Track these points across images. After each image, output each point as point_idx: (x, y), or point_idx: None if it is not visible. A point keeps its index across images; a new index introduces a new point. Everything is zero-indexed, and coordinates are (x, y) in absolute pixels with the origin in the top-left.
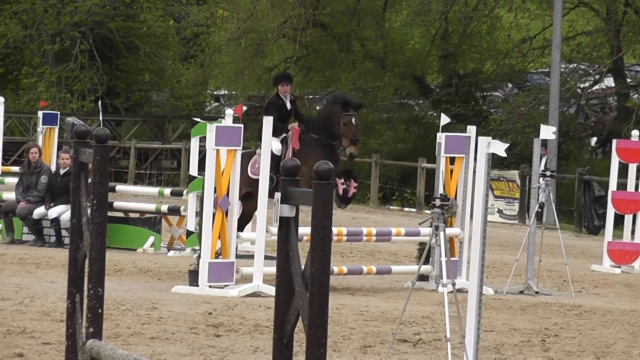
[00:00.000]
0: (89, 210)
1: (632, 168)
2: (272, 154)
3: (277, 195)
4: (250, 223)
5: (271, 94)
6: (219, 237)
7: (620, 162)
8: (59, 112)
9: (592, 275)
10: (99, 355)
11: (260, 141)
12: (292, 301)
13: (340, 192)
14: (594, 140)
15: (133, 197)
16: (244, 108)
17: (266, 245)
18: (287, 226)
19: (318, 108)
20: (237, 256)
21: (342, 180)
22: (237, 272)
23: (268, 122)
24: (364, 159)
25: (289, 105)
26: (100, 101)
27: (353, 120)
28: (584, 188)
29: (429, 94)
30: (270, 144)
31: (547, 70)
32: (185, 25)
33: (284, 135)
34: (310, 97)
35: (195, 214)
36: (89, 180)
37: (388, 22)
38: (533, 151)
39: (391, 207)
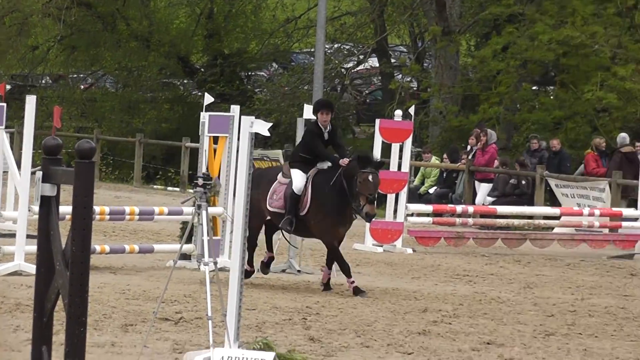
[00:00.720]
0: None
1: (395, 148)
2: (293, 193)
3: (39, 173)
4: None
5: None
6: None
7: (383, 142)
8: None
9: (355, 254)
10: None
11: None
12: (53, 280)
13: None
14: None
15: None
16: (7, 87)
17: (28, 224)
18: (48, 205)
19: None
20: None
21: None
22: None
23: (30, 101)
24: (127, 137)
25: (326, 136)
26: None
27: (370, 177)
28: None
29: (194, 74)
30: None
31: (311, 50)
32: None
33: (309, 170)
34: (74, 76)
35: None
36: None
37: (153, 2)
38: (297, 131)
39: (155, 186)
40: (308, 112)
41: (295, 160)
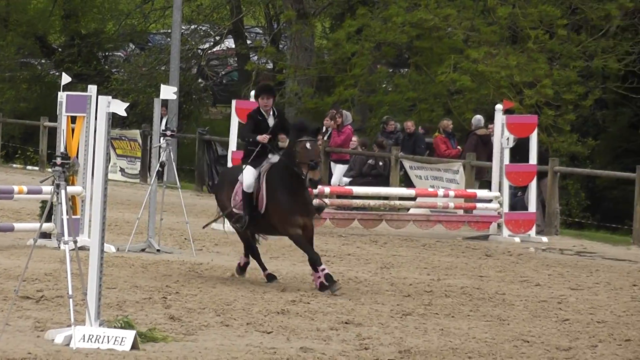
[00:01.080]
0: None
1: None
2: (244, 192)
3: None
4: None
5: None
6: None
7: (239, 122)
8: None
9: (213, 233)
10: None
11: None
12: None
13: None
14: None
15: None
16: None
17: None
18: None
19: None
20: None
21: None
22: None
23: None
24: None
25: (271, 121)
26: None
27: (308, 145)
28: (204, 147)
29: (52, 54)
30: None
31: (168, 31)
32: None
33: (262, 165)
34: None
35: None
36: None
37: None
38: (154, 111)
39: (14, 166)
40: (165, 92)
41: (245, 156)
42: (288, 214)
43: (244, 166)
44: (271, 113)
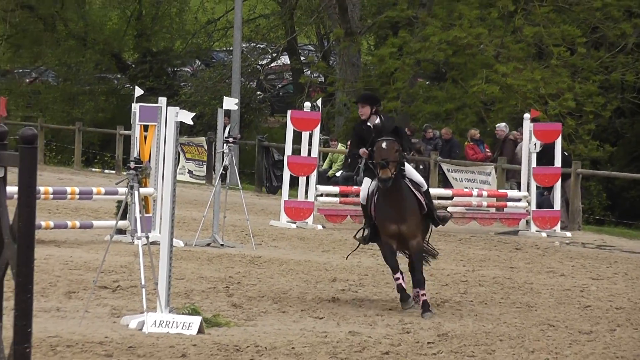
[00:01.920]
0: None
1: (305, 135)
2: (361, 204)
3: None
4: None
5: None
6: None
7: (294, 130)
8: None
9: (271, 230)
10: None
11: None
12: (2, 252)
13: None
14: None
15: None
16: None
17: None
18: None
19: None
20: None
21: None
22: None
23: None
24: (68, 126)
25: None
26: None
27: (384, 144)
28: (263, 153)
29: (126, 69)
30: None
31: (230, 49)
32: None
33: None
34: (20, 70)
35: None
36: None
37: (88, 4)
38: (218, 120)
39: (93, 169)
40: (228, 103)
41: (366, 166)
42: (381, 221)
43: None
44: (377, 120)
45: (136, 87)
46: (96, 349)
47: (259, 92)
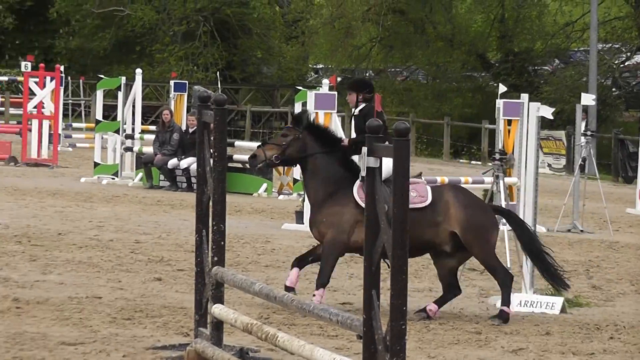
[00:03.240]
0: (211, 161)
1: None
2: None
3: (364, 149)
4: None
5: (358, 69)
6: None
7: None
8: (187, 82)
9: (627, 217)
10: (222, 279)
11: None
12: (379, 236)
13: None
14: None
15: (249, 151)
16: (338, 79)
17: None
18: (372, 174)
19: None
20: None
21: None
22: None
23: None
24: (437, 120)
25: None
26: (217, 72)
27: None
28: (619, 145)
29: (490, 68)
30: None
31: (587, 48)
32: (287, 11)
33: None
34: (392, 70)
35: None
36: (211, 137)
37: (454, 9)
38: (576, 115)
39: (460, 161)
40: (585, 99)
41: None
42: None
43: None
44: (359, 108)
45: (500, 85)
46: (466, 327)
47: (614, 89)
